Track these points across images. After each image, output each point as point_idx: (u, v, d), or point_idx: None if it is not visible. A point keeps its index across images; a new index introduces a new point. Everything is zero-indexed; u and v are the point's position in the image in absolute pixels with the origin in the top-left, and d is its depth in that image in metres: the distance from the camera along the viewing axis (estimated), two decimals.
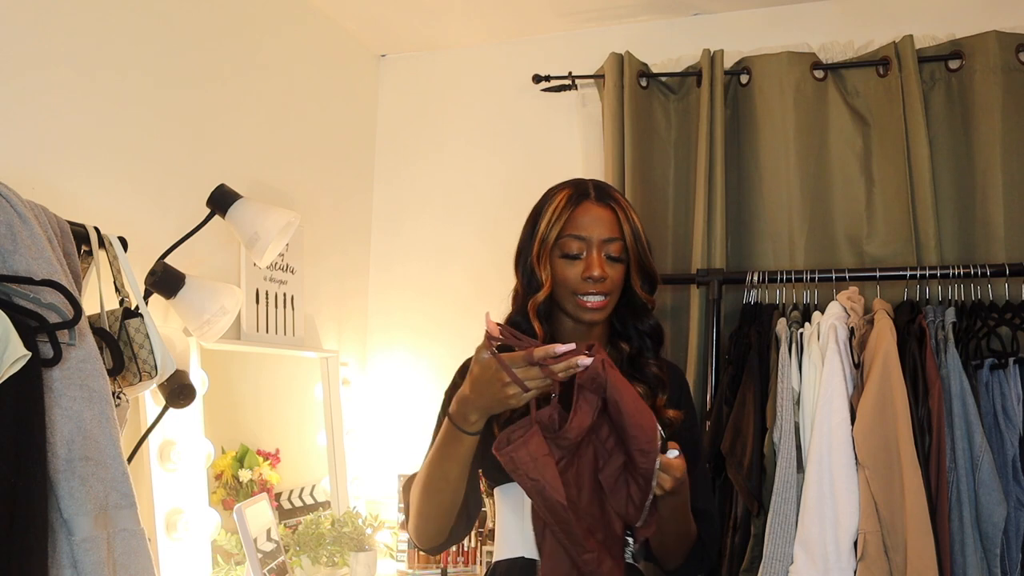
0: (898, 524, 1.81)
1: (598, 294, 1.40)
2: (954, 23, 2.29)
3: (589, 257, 1.40)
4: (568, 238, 1.41)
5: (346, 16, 2.67)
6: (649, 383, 1.43)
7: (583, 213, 1.41)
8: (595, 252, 1.40)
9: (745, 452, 1.97)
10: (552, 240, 1.41)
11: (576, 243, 1.40)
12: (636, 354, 1.47)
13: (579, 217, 1.41)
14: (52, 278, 1.24)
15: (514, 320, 1.46)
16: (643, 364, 1.46)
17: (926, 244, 2.19)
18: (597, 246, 1.40)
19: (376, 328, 2.88)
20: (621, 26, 2.66)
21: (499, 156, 2.78)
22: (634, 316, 1.48)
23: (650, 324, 1.48)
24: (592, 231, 1.40)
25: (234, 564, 1.97)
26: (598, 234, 1.40)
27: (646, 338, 1.48)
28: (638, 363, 1.46)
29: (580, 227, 1.41)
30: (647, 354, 1.47)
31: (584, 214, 1.41)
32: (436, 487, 1.34)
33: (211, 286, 1.87)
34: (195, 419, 1.91)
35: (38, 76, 1.68)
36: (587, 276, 1.39)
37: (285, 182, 2.44)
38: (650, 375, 1.44)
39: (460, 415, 1.27)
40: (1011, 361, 1.91)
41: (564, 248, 1.41)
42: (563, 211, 1.41)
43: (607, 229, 1.41)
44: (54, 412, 1.22)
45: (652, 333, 1.49)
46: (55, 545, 1.20)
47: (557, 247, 1.41)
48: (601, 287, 1.40)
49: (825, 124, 2.36)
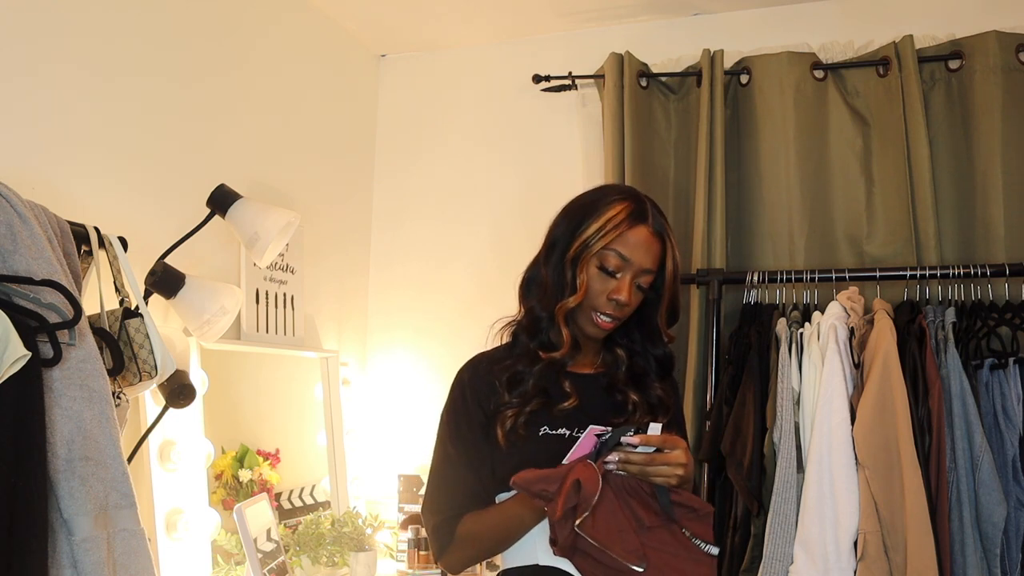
0: (898, 524, 1.81)
1: (614, 318, 1.40)
2: (954, 23, 2.29)
3: (623, 280, 1.38)
4: (612, 253, 1.38)
5: (346, 16, 2.67)
6: (651, 402, 1.43)
7: (636, 235, 1.38)
8: (629, 277, 1.38)
9: (745, 452, 1.97)
10: (596, 248, 1.38)
11: (618, 261, 1.38)
12: (641, 372, 1.46)
13: (632, 237, 1.38)
14: (52, 278, 1.24)
15: (537, 316, 1.43)
16: (648, 384, 1.45)
17: (926, 244, 2.19)
18: (635, 272, 1.38)
19: (376, 328, 2.87)
20: (621, 26, 2.66)
21: (499, 156, 2.78)
22: (648, 340, 1.47)
23: (664, 352, 1.48)
24: (638, 257, 1.38)
25: (234, 564, 1.97)
26: (641, 262, 1.38)
27: (653, 361, 1.48)
28: (643, 382, 1.45)
29: (628, 248, 1.38)
30: (653, 376, 1.47)
31: (637, 236, 1.38)
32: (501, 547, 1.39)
33: (211, 286, 1.87)
34: (195, 419, 1.91)
35: (38, 76, 1.68)
36: (613, 297, 1.38)
37: (285, 182, 2.44)
38: (653, 396, 1.44)
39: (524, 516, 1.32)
40: (1011, 361, 1.91)
41: (604, 261, 1.38)
42: (619, 225, 1.38)
43: (651, 259, 1.39)
44: (54, 412, 1.22)
45: (662, 360, 1.48)
46: (55, 545, 1.20)
47: (597, 257, 1.38)
48: (620, 312, 1.40)
49: (825, 124, 2.36)
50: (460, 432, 1.41)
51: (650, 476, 1.27)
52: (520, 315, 1.47)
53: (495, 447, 1.37)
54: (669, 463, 1.26)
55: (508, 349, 1.46)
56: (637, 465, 1.26)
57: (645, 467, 1.26)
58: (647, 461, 1.26)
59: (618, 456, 1.26)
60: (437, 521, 1.40)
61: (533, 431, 1.37)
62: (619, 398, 1.43)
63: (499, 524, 1.36)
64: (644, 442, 1.25)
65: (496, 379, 1.42)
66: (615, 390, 1.44)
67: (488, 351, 1.49)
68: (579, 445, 1.28)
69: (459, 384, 1.46)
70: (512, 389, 1.40)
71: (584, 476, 1.23)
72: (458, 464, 1.40)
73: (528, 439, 1.36)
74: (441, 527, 1.39)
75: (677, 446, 1.27)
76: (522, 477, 1.28)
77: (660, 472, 1.26)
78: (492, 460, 1.37)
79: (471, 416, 1.41)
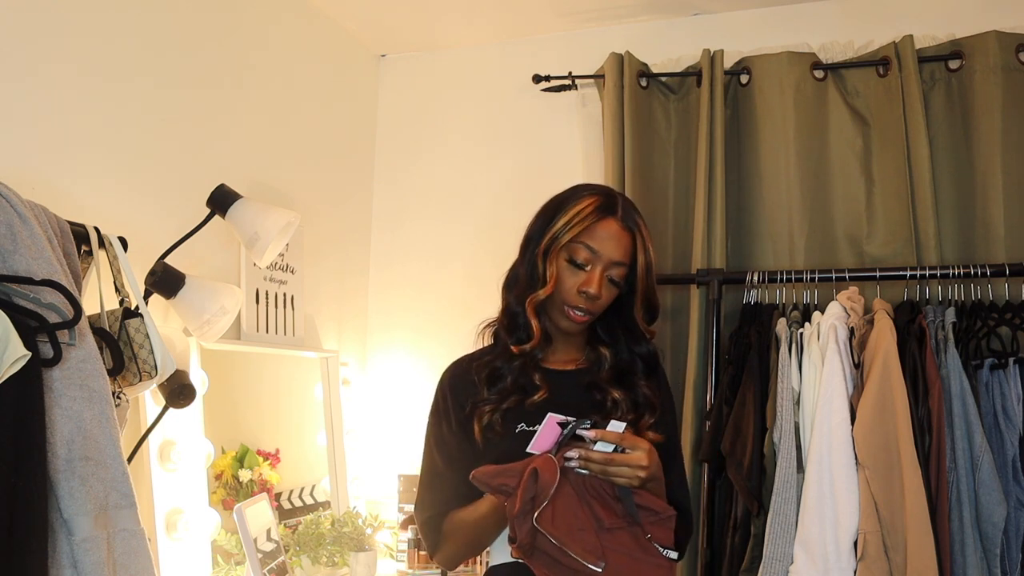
0: (898, 524, 1.81)
1: (586, 311, 1.40)
2: (954, 23, 2.29)
3: (592, 272, 1.38)
4: (581, 246, 1.39)
5: (346, 16, 2.67)
6: (636, 400, 1.42)
7: (604, 228, 1.39)
8: (599, 269, 1.39)
9: (745, 452, 1.97)
10: (564, 241, 1.39)
11: (586, 254, 1.39)
12: (626, 370, 1.46)
13: (599, 230, 1.39)
14: (52, 278, 1.24)
15: (513, 311, 1.45)
16: (634, 383, 1.44)
17: (926, 244, 2.19)
18: (604, 265, 1.39)
19: (376, 328, 2.87)
20: (621, 26, 2.66)
21: (499, 156, 2.78)
22: (630, 339, 1.47)
23: (648, 350, 1.47)
24: (606, 248, 1.39)
25: (234, 564, 1.97)
26: (610, 254, 1.39)
27: (638, 360, 1.47)
28: (628, 380, 1.44)
29: (596, 240, 1.39)
30: (638, 374, 1.45)
31: (605, 229, 1.39)
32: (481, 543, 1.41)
33: (211, 286, 1.87)
34: (195, 419, 1.91)
35: (38, 76, 1.68)
36: (583, 290, 1.38)
37: (285, 182, 2.44)
38: (639, 394, 1.43)
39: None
40: (1011, 361, 1.91)
41: (573, 253, 1.39)
42: (586, 218, 1.39)
43: (621, 252, 1.39)
44: (54, 412, 1.22)
45: (647, 358, 1.47)
46: (55, 545, 1.20)
47: (566, 249, 1.40)
48: (591, 305, 1.40)
49: (825, 124, 2.36)
50: (442, 433, 1.44)
51: (611, 476, 1.27)
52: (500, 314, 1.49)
53: (473, 444, 1.39)
54: (629, 464, 1.26)
55: (491, 349, 1.49)
56: (598, 464, 1.26)
57: (605, 466, 1.26)
58: (606, 460, 1.26)
59: (578, 453, 1.26)
60: (424, 519, 1.45)
61: (510, 427, 1.38)
62: (599, 396, 1.42)
63: (472, 522, 1.38)
64: (601, 438, 1.25)
65: (476, 376, 1.44)
66: (596, 388, 1.43)
67: (472, 352, 1.51)
68: (540, 435, 1.27)
69: (440, 387, 1.48)
70: (491, 386, 1.42)
71: (542, 466, 1.23)
72: (441, 464, 1.44)
73: (505, 435, 1.37)
74: (428, 524, 1.43)
75: (638, 447, 1.27)
76: (481, 471, 1.28)
77: (621, 472, 1.26)
78: (473, 457, 1.38)
79: (451, 417, 1.44)
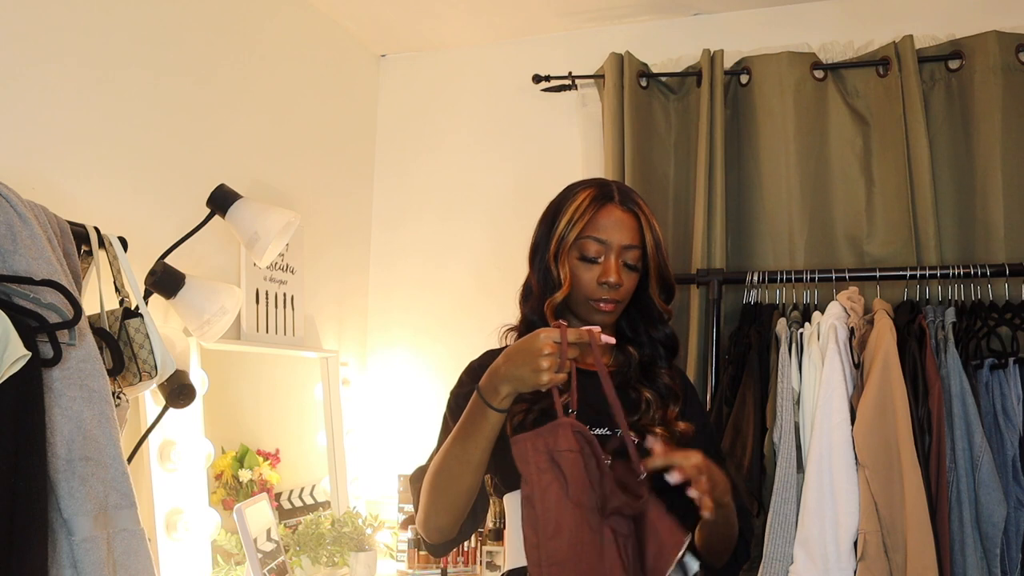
0: (898, 524, 1.81)
1: (613, 300, 1.39)
2: (954, 23, 2.29)
3: (607, 262, 1.37)
4: (588, 240, 1.38)
5: (346, 16, 2.67)
6: (660, 392, 1.41)
7: (606, 216, 1.38)
8: (613, 258, 1.37)
9: (745, 452, 1.97)
10: (571, 240, 1.38)
11: (596, 246, 1.38)
12: (649, 362, 1.44)
13: (601, 220, 1.38)
14: (52, 278, 1.24)
15: (530, 320, 1.43)
16: (656, 373, 1.43)
17: (926, 244, 2.19)
18: (616, 252, 1.38)
19: (376, 328, 2.88)
20: (621, 26, 2.66)
21: (499, 156, 2.78)
22: (648, 323, 1.46)
23: (665, 333, 1.46)
24: (613, 236, 1.38)
25: (234, 564, 1.97)
26: (618, 239, 1.38)
27: (659, 346, 1.46)
28: (651, 372, 1.43)
29: (601, 230, 1.38)
30: (660, 363, 1.44)
31: (607, 217, 1.38)
32: (455, 471, 1.28)
33: (211, 286, 1.87)
34: (195, 419, 1.91)
35: (38, 76, 1.68)
36: (603, 281, 1.37)
37: (285, 182, 2.44)
38: (662, 385, 1.42)
39: (490, 388, 1.22)
40: (1011, 361, 1.91)
41: (583, 250, 1.38)
42: (585, 211, 1.38)
43: (628, 235, 1.38)
44: (54, 412, 1.22)
45: (666, 342, 1.46)
46: (55, 545, 1.20)
47: (575, 248, 1.38)
48: (615, 294, 1.38)
49: (825, 124, 2.36)
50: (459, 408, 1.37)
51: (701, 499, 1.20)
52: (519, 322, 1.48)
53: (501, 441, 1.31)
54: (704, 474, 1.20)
55: None
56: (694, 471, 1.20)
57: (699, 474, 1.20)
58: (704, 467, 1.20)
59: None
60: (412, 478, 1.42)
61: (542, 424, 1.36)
62: (633, 395, 1.40)
63: (456, 435, 1.29)
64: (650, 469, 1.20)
65: None
66: (629, 387, 1.41)
67: (500, 347, 1.48)
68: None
69: (468, 369, 1.46)
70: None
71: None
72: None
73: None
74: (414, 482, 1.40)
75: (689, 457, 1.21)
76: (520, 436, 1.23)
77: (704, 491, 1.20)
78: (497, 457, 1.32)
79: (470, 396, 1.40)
